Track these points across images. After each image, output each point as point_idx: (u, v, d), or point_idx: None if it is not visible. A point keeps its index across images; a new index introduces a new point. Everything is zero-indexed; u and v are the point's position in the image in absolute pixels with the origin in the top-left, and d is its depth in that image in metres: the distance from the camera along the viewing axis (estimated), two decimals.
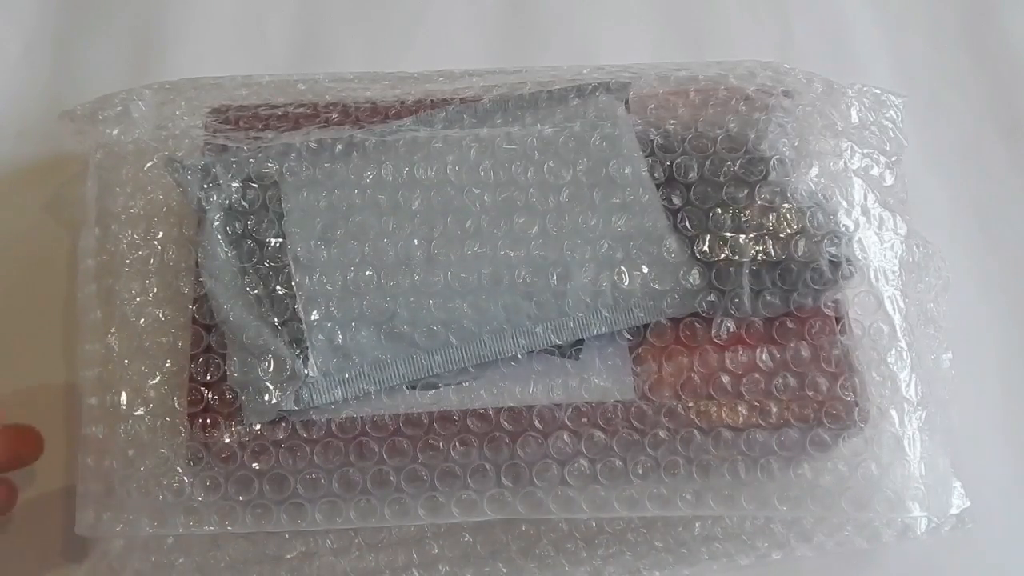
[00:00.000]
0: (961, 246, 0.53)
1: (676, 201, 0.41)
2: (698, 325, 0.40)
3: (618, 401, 0.39)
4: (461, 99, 0.44)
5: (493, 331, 0.39)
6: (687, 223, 0.40)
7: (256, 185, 0.40)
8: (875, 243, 0.42)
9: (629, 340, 0.40)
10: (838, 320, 0.40)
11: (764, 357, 0.40)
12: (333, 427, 0.38)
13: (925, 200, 0.51)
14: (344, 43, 0.57)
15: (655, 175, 0.41)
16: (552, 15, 0.59)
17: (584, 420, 0.38)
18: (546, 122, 0.43)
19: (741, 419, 0.39)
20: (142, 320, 0.40)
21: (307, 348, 0.38)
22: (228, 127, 0.43)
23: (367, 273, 0.39)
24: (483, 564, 0.42)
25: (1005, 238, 0.54)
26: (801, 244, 0.40)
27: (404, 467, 0.38)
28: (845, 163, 0.43)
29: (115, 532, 0.38)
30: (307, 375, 0.37)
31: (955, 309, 0.45)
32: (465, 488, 0.38)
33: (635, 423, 0.39)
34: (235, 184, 0.40)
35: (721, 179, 0.41)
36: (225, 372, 0.38)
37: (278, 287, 0.39)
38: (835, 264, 0.40)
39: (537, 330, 0.39)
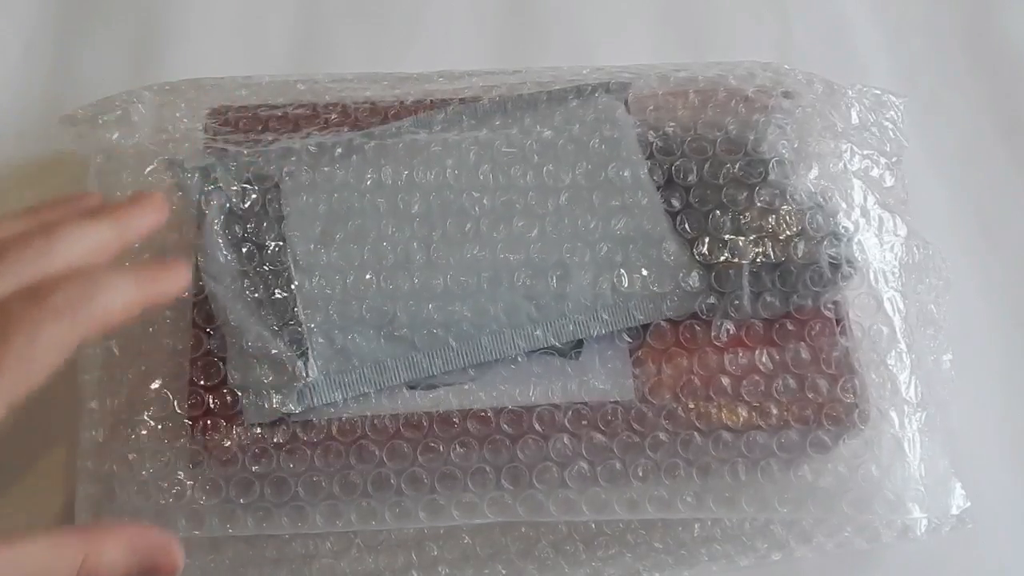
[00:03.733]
0: (961, 247, 0.53)
1: (675, 203, 0.41)
2: (698, 327, 0.40)
3: (618, 403, 0.39)
4: (460, 99, 0.44)
5: (493, 333, 0.39)
6: (687, 225, 0.40)
7: (256, 188, 0.40)
8: (875, 244, 0.42)
9: (629, 342, 0.39)
10: (838, 322, 0.40)
11: (764, 359, 0.40)
12: (333, 429, 0.38)
13: (925, 201, 0.51)
14: (344, 43, 0.57)
15: (654, 177, 0.41)
16: (552, 15, 0.59)
17: (584, 422, 0.38)
18: (545, 123, 0.43)
19: (741, 421, 0.39)
20: (142, 323, 0.40)
21: (307, 350, 0.38)
22: (228, 129, 0.43)
23: (367, 276, 0.39)
24: (483, 566, 0.42)
25: (1005, 238, 0.54)
26: (801, 246, 0.40)
27: (404, 469, 0.38)
28: (845, 164, 0.43)
29: None
30: (307, 377, 0.37)
31: (955, 310, 0.45)
32: (465, 490, 0.38)
33: (635, 425, 0.39)
34: (235, 187, 0.40)
35: (720, 181, 0.41)
36: (225, 375, 0.38)
37: (278, 290, 0.39)
38: (835, 266, 0.40)
39: (537, 332, 0.39)
